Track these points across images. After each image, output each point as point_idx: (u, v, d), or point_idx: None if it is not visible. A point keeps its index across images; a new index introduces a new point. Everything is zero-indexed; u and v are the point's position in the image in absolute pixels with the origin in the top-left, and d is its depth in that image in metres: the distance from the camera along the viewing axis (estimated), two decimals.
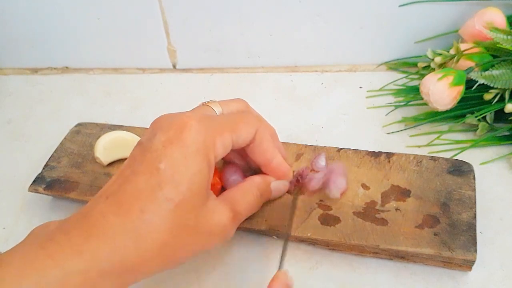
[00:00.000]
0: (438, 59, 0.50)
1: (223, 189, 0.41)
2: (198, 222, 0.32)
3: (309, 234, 0.39)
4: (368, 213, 0.40)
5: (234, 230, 0.36)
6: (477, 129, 0.48)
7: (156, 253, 0.30)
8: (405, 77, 0.56)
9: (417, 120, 0.51)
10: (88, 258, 0.28)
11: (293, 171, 0.42)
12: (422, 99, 0.48)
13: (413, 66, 0.57)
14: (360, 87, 0.57)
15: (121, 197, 0.31)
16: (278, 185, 0.41)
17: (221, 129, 0.35)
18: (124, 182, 0.31)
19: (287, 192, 0.42)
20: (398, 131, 0.51)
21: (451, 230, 0.38)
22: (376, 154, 0.45)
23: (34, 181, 0.47)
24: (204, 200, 0.33)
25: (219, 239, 0.35)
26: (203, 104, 0.38)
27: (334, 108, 0.55)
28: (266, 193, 0.40)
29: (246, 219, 0.41)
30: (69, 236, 0.29)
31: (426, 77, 0.47)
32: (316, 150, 0.46)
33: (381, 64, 0.58)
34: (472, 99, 0.48)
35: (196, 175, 0.32)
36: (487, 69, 0.46)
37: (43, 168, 0.48)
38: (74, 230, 0.30)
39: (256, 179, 0.39)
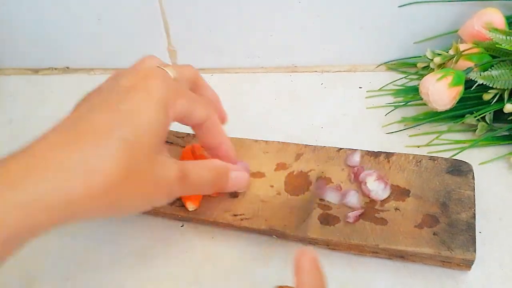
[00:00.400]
0: (437, 60, 0.50)
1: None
2: (147, 169, 0.32)
3: (309, 234, 0.40)
4: (368, 212, 0.40)
5: (179, 192, 0.35)
6: (476, 129, 0.48)
7: (104, 191, 0.29)
8: (405, 77, 0.56)
9: (417, 120, 0.51)
10: (29, 190, 0.27)
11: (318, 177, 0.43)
12: (421, 99, 0.48)
13: (412, 66, 0.57)
14: (360, 87, 0.57)
15: (74, 131, 0.30)
16: (239, 176, 0.40)
17: (182, 93, 0.35)
18: (79, 118, 0.31)
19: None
20: (398, 131, 0.51)
21: (450, 230, 0.38)
22: (375, 154, 0.45)
23: None
24: (157, 151, 0.33)
25: (163, 195, 0.34)
26: (157, 67, 0.37)
27: (333, 108, 0.55)
28: (223, 178, 0.39)
29: (246, 218, 0.41)
30: (7, 168, 0.27)
31: (426, 77, 0.47)
32: (316, 150, 0.46)
33: (381, 64, 0.59)
34: (471, 99, 0.49)
35: (154, 123, 0.32)
36: (486, 70, 0.46)
37: None
38: (15, 162, 0.28)
39: (216, 161, 0.39)
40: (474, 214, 0.39)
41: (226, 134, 0.41)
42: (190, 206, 0.42)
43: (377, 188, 0.41)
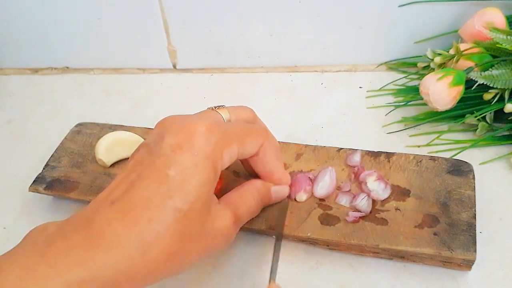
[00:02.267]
0: (437, 59, 0.50)
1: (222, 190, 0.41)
2: (203, 228, 0.32)
3: (309, 234, 0.40)
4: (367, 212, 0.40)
5: (235, 233, 0.36)
6: (477, 129, 0.48)
7: (163, 263, 0.30)
8: (405, 77, 0.56)
9: (417, 120, 0.51)
10: (91, 268, 0.27)
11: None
12: (421, 99, 0.48)
13: (412, 66, 0.57)
14: (360, 87, 0.57)
15: (128, 204, 0.30)
16: (279, 190, 0.41)
17: (230, 140, 0.34)
18: (130, 187, 0.30)
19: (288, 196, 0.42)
20: (398, 131, 0.51)
21: (451, 230, 0.38)
22: (375, 154, 0.45)
23: (34, 181, 0.47)
24: (209, 207, 0.33)
25: (222, 243, 0.35)
26: (211, 109, 0.37)
27: (334, 108, 0.55)
28: (266, 197, 0.40)
29: None
30: (70, 243, 0.28)
31: (426, 77, 0.47)
32: (316, 150, 0.46)
33: (381, 64, 0.59)
34: (472, 99, 0.49)
35: (204, 184, 0.31)
36: (487, 69, 0.46)
37: (44, 168, 0.48)
38: (76, 236, 0.29)
39: (257, 183, 0.39)
40: (475, 214, 0.39)
41: (279, 161, 0.40)
42: None
43: (377, 188, 0.41)
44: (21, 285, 0.26)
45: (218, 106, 0.38)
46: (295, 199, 0.42)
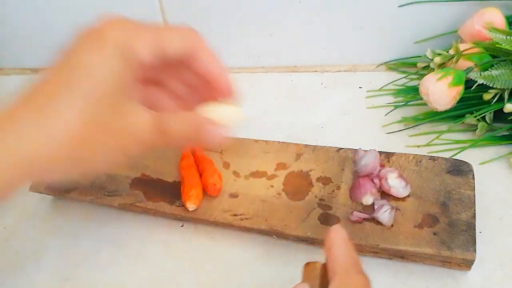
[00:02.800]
0: (437, 59, 0.50)
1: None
2: (113, 119, 0.30)
3: (309, 234, 0.40)
4: (368, 212, 0.40)
5: (153, 142, 0.33)
6: (477, 129, 0.48)
7: (69, 147, 0.28)
8: (405, 77, 0.56)
9: (417, 120, 0.51)
10: None
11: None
12: (421, 99, 0.48)
13: (412, 66, 0.57)
14: (360, 87, 0.57)
15: (32, 91, 0.30)
16: (215, 131, 0.35)
17: (145, 30, 0.32)
18: (39, 80, 0.30)
19: None
20: (398, 131, 0.51)
21: (451, 230, 0.38)
22: None
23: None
24: (123, 99, 0.31)
25: (136, 143, 0.32)
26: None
27: (334, 108, 0.55)
28: (200, 132, 0.34)
29: (246, 218, 0.41)
30: None
31: (426, 77, 0.47)
32: (316, 150, 0.46)
33: (381, 64, 0.59)
34: (472, 99, 0.49)
35: (114, 72, 0.30)
36: (487, 69, 0.46)
37: None
38: None
39: (195, 115, 0.35)
40: (474, 214, 0.39)
41: (222, 63, 0.36)
42: (190, 206, 0.42)
43: (398, 185, 0.41)
44: None
45: None
46: (361, 203, 0.41)
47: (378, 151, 0.44)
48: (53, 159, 0.29)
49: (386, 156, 0.44)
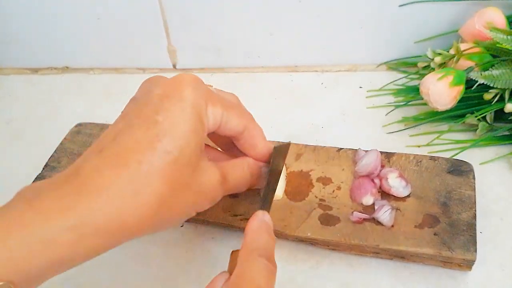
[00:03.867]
0: (438, 59, 0.50)
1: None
2: (192, 179, 0.31)
3: (309, 234, 0.40)
4: (368, 212, 0.40)
5: (221, 195, 0.35)
6: (477, 129, 0.48)
7: (154, 209, 0.29)
8: (405, 77, 0.56)
9: (417, 120, 0.51)
10: (81, 213, 0.26)
11: None
12: (422, 99, 0.48)
13: (413, 66, 0.57)
14: (360, 87, 0.57)
15: (116, 150, 0.29)
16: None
17: (216, 99, 0.33)
18: (119, 135, 0.30)
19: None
20: (398, 131, 0.51)
21: (451, 230, 0.38)
22: None
23: (34, 181, 0.47)
24: (199, 158, 0.32)
25: (208, 200, 0.34)
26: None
27: (334, 108, 0.55)
28: (255, 174, 0.38)
29: (246, 219, 0.41)
30: (59, 192, 0.27)
31: (426, 77, 0.47)
32: (316, 150, 0.46)
33: (381, 64, 0.58)
34: (472, 99, 0.48)
35: (192, 131, 0.31)
36: (487, 69, 0.46)
37: (43, 168, 0.48)
38: (65, 185, 0.28)
39: (249, 159, 0.38)
40: (475, 214, 0.39)
41: (267, 142, 0.39)
42: None
43: (398, 185, 0.41)
44: (6, 232, 0.25)
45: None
46: (362, 203, 0.41)
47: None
48: (140, 221, 0.29)
49: (387, 156, 0.44)
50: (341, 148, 0.46)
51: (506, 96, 0.46)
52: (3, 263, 0.25)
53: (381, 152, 0.44)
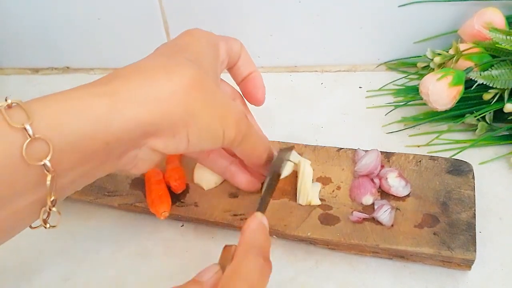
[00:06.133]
0: (437, 59, 0.50)
1: None
2: (215, 89, 0.33)
3: (309, 234, 0.40)
4: (368, 212, 0.40)
5: (244, 130, 0.35)
6: (476, 129, 0.48)
7: (184, 88, 0.30)
8: (405, 77, 0.56)
9: (417, 120, 0.51)
10: (115, 85, 0.29)
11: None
12: (421, 99, 0.48)
13: (412, 66, 0.57)
14: (360, 87, 0.57)
15: (145, 61, 0.33)
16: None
17: (228, 38, 0.40)
18: (141, 60, 0.33)
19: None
20: (398, 130, 0.51)
21: (451, 230, 0.38)
22: None
23: None
24: (219, 83, 0.37)
25: (234, 120, 0.33)
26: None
27: (334, 108, 0.55)
28: (269, 148, 0.40)
29: (246, 218, 0.41)
30: (95, 81, 0.30)
31: (426, 77, 0.47)
32: (316, 150, 0.46)
33: (381, 64, 0.59)
34: (472, 99, 0.49)
35: (209, 53, 0.35)
36: (486, 69, 0.46)
37: None
38: (100, 78, 0.30)
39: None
40: (474, 214, 0.39)
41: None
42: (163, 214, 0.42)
43: (398, 185, 0.41)
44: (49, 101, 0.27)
45: None
46: (361, 203, 0.42)
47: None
48: (172, 98, 0.30)
49: (386, 156, 0.44)
50: (341, 148, 0.46)
51: (506, 96, 0.46)
52: (47, 123, 0.27)
53: (381, 152, 0.44)
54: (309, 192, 0.42)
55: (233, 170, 0.42)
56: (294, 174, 0.44)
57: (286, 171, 0.44)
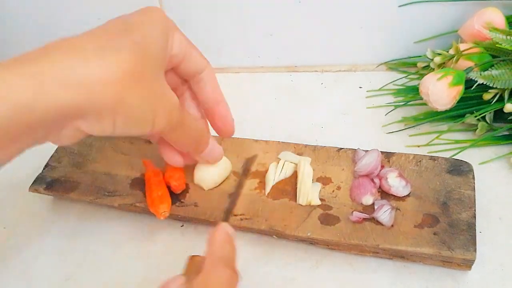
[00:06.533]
0: (437, 59, 0.50)
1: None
2: (155, 77, 0.32)
3: (309, 234, 0.40)
4: (368, 212, 0.40)
5: (175, 121, 0.35)
6: (477, 128, 0.48)
7: (119, 75, 0.29)
8: (405, 77, 0.56)
9: (417, 120, 0.51)
10: (47, 65, 0.28)
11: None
12: (421, 99, 0.48)
13: (412, 66, 0.57)
14: (360, 87, 0.57)
15: (89, 33, 0.31)
16: (216, 146, 0.42)
17: (181, 32, 0.36)
18: (88, 30, 0.32)
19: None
20: (398, 130, 0.51)
21: (451, 230, 0.38)
22: None
23: (34, 181, 0.47)
24: (162, 71, 0.34)
25: (167, 114, 0.33)
26: None
27: (334, 108, 0.55)
28: (204, 138, 0.40)
29: (246, 218, 0.41)
30: (28, 54, 0.29)
31: (426, 77, 0.47)
32: (316, 150, 0.46)
33: (381, 64, 0.59)
34: (472, 99, 0.49)
35: (159, 37, 0.33)
36: (487, 69, 0.46)
37: (44, 168, 0.48)
38: (36, 50, 0.29)
39: (204, 123, 0.40)
40: (475, 214, 0.39)
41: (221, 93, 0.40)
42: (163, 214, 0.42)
43: (398, 185, 0.41)
44: None
45: None
46: (361, 203, 0.42)
47: None
48: (101, 88, 0.29)
49: (386, 156, 0.44)
50: (341, 148, 0.46)
51: (506, 96, 0.46)
52: None
53: (381, 152, 0.44)
54: (309, 192, 0.42)
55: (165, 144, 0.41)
56: (295, 175, 0.44)
57: (284, 173, 0.44)
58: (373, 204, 0.41)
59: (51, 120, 0.28)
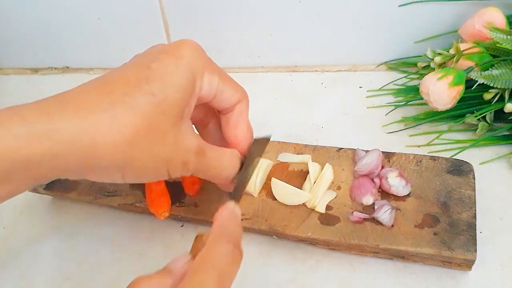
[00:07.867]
0: (438, 59, 0.50)
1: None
2: (169, 131, 0.31)
3: (309, 234, 0.40)
4: (368, 212, 0.40)
5: (192, 167, 0.34)
6: (477, 128, 0.48)
7: (128, 137, 0.29)
8: (405, 77, 0.56)
9: (417, 120, 0.51)
10: (58, 120, 0.27)
11: None
12: (421, 98, 0.48)
13: (412, 66, 0.57)
14: (360, 87, 0.57)
15: (107, 80, 0.30)
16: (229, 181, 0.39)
17: (215, 68, 0.34)
18: (114, 71, 0.31)
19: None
20: (398, 130, 0.51)
21: (451, 230, 0.38)
22: None
23: None
24: (182, 116, 0.32)
25: (178, 163, 0.33)
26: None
27: (334, 108, 0.55)
28: (234, 170, 0.37)
29: (246, 218, 0.41)
30: (42, 103, 0.28)
31: (426, 77, 0.47)
32: (316, 150, 0.46)
33: (381, 64, 0.59)
34: (472, 98, 0.49)
35: (182, 86, 0.31)
36: (487, 69, 0.46)
37: None
38: (49, 100, 0.29)
39: (236, 152, 0.37)
40: (475, 214, 0.39)
41: (250, 131, 0.38)
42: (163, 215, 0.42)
43: (398, 184, 0.41)
44: None
45: None
46: (362, 203, 0.41)
47: None
48: (110, 149, 0.29)
49: (387, 156, 0.44)
50: (341, 148, 0.46)
51: (506, 96, 0.46)
52: None
53: (381, 152, 0.44)
54: (321, 197, 0.42)
55: None
56: (298, 175, 0.44)
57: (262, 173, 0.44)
58: (373, 204, 0.41)
59: (57, 175, 0.29)
